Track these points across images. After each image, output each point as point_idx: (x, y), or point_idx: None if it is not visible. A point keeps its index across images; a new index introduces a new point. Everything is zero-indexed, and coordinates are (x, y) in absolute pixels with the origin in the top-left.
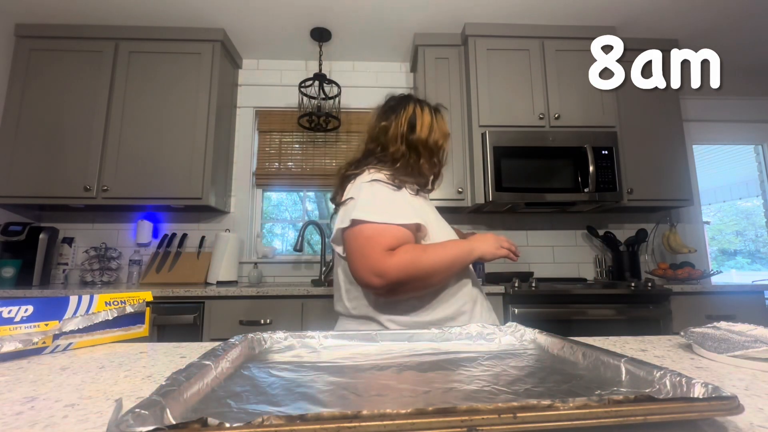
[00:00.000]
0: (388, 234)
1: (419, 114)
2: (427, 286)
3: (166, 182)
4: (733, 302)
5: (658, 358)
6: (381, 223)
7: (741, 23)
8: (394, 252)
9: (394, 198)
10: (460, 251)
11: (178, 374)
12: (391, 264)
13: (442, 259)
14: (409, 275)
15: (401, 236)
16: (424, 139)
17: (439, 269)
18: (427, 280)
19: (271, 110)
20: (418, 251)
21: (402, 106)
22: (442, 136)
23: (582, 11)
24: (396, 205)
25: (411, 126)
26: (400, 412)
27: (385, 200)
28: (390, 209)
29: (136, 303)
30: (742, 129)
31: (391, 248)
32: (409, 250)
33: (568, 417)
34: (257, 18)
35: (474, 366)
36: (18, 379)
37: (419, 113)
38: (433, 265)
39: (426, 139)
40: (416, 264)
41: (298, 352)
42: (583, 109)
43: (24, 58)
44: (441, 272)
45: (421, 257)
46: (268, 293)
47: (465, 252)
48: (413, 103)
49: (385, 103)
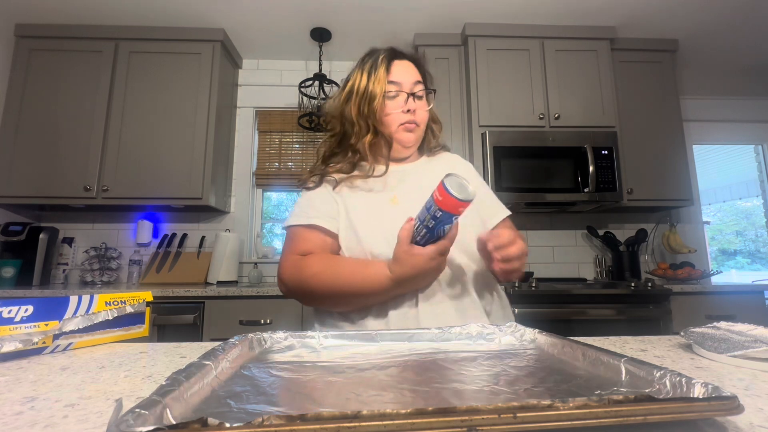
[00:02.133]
0: (298, 236)
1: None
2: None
3: (166, 182)
4: (733, 302)
5: (658, 358)
6: (292, 226)
7: (741, 23)
8: (303, 259)
9: (309, 197)
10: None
11: (178, 374)
12: (283, 270)
13: (331, 286)
14: (295, 290)
15: (313, 239)
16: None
17: (323, 295)
18: (322, 303)
19: (271, 110)
20: (312, 270)
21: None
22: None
23: (582, 11)
24: (309, 203)
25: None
26: (400, 412)
27: (302, 202)
28: (301, 210)
29: (136, 303)
30: (742, 129)
31: (302, 253)
32: (308, 264)
33: (568, 417)
34: (257, 18)
35: (474, 366)
36: (18, 379)
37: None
38: (315, 289)
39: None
40: (301, 282)
41: (298, 352)
42: (583, 109)
43: (24, 58)
44: (334, 301)
45: (307, 276)
46: (268, 293)
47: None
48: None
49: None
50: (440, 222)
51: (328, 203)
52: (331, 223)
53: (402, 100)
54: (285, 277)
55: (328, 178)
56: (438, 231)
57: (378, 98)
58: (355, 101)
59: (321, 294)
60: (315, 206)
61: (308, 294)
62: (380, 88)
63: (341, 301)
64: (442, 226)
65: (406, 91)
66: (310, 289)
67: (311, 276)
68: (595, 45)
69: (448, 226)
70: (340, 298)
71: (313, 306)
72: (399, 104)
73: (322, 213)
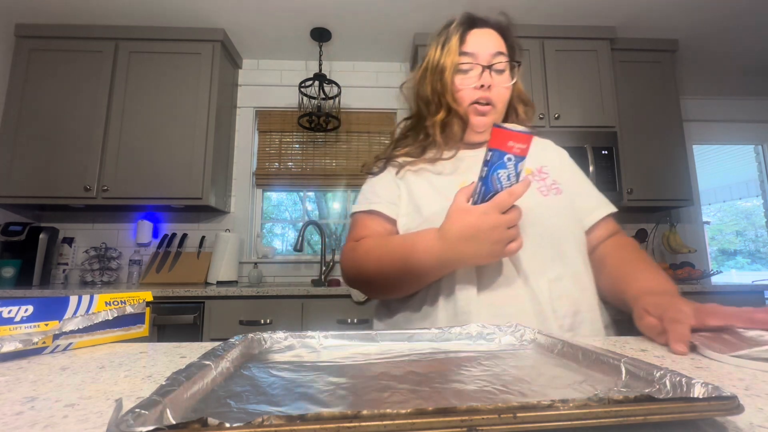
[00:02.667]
0: (359, 224)
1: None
2: (386, 294)
3: (166, 182)
4: (733, 302)
5: (658, 358)
6: (354, 213)
7: (741, 23)
8: (358, 242)
9: (372, 183)
10: (402, 255)
11: (178, 374)
12: (342, 258)
13: (378, 262)
14: (353, 275)
15: (372, 225)
16: (416, 85)
17: (376, 276)
18: (374, 287)
19: (271, 110)
20: (364, 248)
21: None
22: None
23: (582, 11)
24: (371, 189)
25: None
26: (400, 412)
27: (365, 188)
28: (363, 197)
29: (136, 303)
30: (742, 129)
31: (360, 239)
32: (362, 244)
33: (568, 417)
34: (257, 18)
35: (474, 366)
36: (18, 379)
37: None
38: (368, 269)
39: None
40: (356, 264)
41: (298, 352)
42: (583, 109)
43: (24, 58)
44: (383, 281)
45: (360, 256)
46: (268, 293)
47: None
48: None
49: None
50: (492, 166)
51: (390, 188)
52: (390, 209)
53: (476, 75)
54: (343, 264)
55: (393, 162)
56: (494, 182)
57: (449, 70)
58: (429, 77)
59: (374, 273)
60: (376, 192)
61: (364, 277)
62: (451, 60)
63: (393, 277)
64: (495, 172)
65: (481, 64)
66: (364, 268)
67: (363, 254)
68: (595, 45)
69: (504, 172)
70: (392, 274)
71: (373, 293)
72: (472, 79)
73: (383, 198)
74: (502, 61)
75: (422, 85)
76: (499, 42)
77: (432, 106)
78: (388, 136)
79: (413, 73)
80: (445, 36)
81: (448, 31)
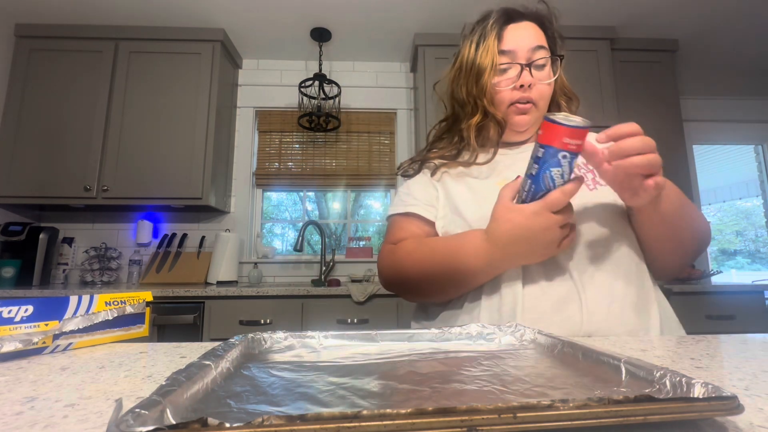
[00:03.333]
0: (395, 226)
1: (461, 52)
2: (426, 298)
3: (166, 182)
4: (733, 302)
5: (658, 358)
6: (391, 216)
7: (741, 23)
8: (397, 245)
9: (408, 185)
10: (448, 257)
11: (178, 374)
12: (379, 261)
13: (421, 264)
14: (392, 278)
15: (409, 228)
16: (450, 85)
17: (418, 278)
18: (414, 290)
19: (271, 110)
20: (405, 250)
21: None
22: (476, 65)
23: (582, 11)
24: (407, 191)
25: (454, 76)
26: (400, 412)
27: (401, 191)
28: (399, 199)
29: (136, 303)
30: (742, 129)
31: (398, 242)
32: (402, 246)
33: (568, 417)
34: (257, 18)
35: (474, 366)
36: (18, 379)
37: (462, 50)
38: (409, 271)
39: (452, 82)
40: (396, 265)
41: (298, 352)
42: (583, 109)
43: (24, 58)
44: (426, 283)
45: (401, 257)
46: (268, 293)
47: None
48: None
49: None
50: (544, 164)
51: (426, 190)
52: (428, 211)
53: (515, 74)
54: (381, 266)
55: (428, 164)
56: (545, 180)
57: (487, 73)
58: (463, 78)
59: (416, 275)
60: (412, 194)
61: (404, 279)
62: (489, 61)
63: (438, 279)
64: (548, 170)
65: (519, 62)
66: (405, 270)
67: (405, 255)
68: (595, 45)
69: (557, 171)
70: (436, 277)
71: (412, 296)
72: (511, 79)
73: (420, 200)
74: (542, 56)
75: (457, 85)
76: (539, 35)
77: (468, 107)
78: (388, 136)
79: (447, 72)
80: (480, 33)
81: (484, 28)
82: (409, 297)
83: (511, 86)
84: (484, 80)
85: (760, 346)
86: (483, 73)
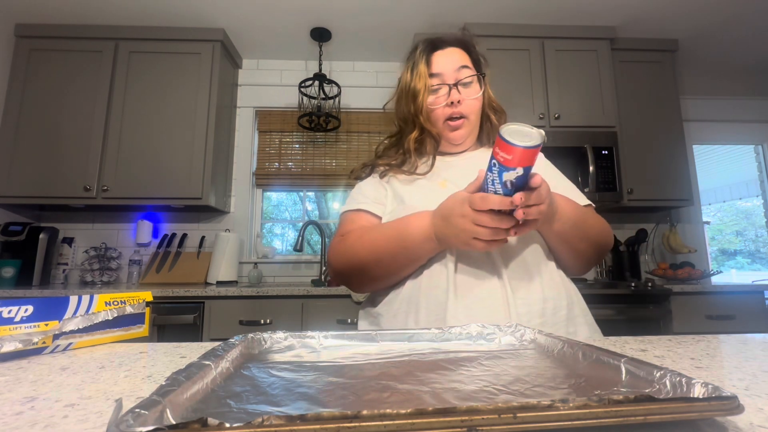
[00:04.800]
0: (347, 221)
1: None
2: (374, 280)
3: (166, 182)
4: (733, 302)
5: (658, 358)
6: (344, 212)
7: (741, 23)
8: (345, 236)
9: (359, 186)
10: (396, 232)
11: (178, 374)
12: (329, 252)
13: (372, 244)
14: (342, 265)
15: (359, 221)
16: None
17: (368, 259)
18: (364, 273)
19: (271, 110)
20: (355, 235)
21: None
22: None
23: (582, 11)
24: (359, 191)
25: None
26: (400, 412)
27: (353, 191)
28: (351, 198)
29: (136, 303)
30: (742, 129)
31: (347, 233)
32: (352, 234)
33: (568, 417)
34: (257, 18)
35: (474, 366)
36: (18, 379)
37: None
38: (360, 252)
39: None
40: (347, 251)
41: (298, 352)
42: (583, 109)
43: (24, 58)
44: (374, 263)
45: (351, 243)
46: (268, 293)
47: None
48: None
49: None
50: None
51: (376, 189)
52: (377, 208)
53: (445, 93)
54: (331, 256)
55: (377, 169)
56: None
57: (421, 94)
58: (404, 100)
59: (367, 255)
60: (363, 192)
61: (355, 263)
62: (422, 84)
63: (387, 257)
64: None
65: (448, 83)
66: (356, 253)
67: (356, 239)
68: (595, 45)
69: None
70: (385, 254)
71: (360, 282)
72: (442, 98)
73: (369, 198)
74: (467, 75)
75: (399, 106)
76: (463, 57)
77: (409, 125)
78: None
79: (393, 95)
80: (413, 61)
81: (414, 56)
82: (358, 284)
83: (444, 104)
84: (419, 101)
85: (760, 346)
86: (418, 94)
